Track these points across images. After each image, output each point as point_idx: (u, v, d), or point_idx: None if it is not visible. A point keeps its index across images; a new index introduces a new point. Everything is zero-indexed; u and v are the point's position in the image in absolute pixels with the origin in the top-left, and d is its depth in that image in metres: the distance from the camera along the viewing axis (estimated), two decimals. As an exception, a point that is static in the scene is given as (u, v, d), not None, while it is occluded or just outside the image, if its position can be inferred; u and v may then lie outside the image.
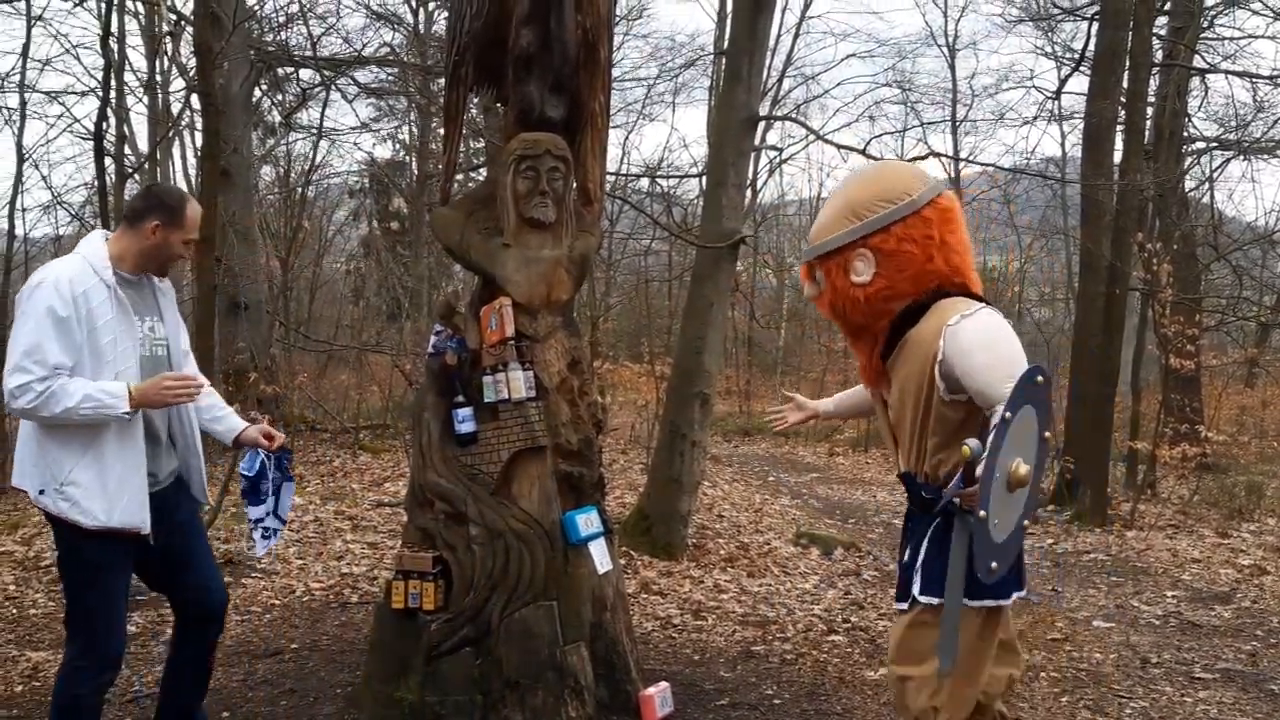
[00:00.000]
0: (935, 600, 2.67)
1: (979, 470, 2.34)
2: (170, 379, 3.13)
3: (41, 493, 3.10)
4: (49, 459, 3.08)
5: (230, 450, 3.30)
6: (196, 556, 3.44)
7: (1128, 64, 10.31)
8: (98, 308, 3.08)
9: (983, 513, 2.34)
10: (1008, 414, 2.35)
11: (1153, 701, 4.61)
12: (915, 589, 2.73)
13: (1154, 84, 12.70)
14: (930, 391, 2.67)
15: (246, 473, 3.65)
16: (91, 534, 3.07)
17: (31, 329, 3.01)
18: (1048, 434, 2.50)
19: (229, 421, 3.54)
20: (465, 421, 3.79)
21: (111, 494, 3.07)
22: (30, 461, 3.13)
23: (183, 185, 18.94)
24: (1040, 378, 2.43)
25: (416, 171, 19.02)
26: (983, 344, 2.56)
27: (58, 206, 17.65)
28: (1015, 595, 2.78)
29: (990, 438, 2.35)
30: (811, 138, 21.94)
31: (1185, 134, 14.65)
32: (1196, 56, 14.24)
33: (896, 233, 2.72)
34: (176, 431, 3.39)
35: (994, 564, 2.44)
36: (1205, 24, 14.47)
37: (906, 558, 2.84)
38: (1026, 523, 2.57)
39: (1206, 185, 17.64)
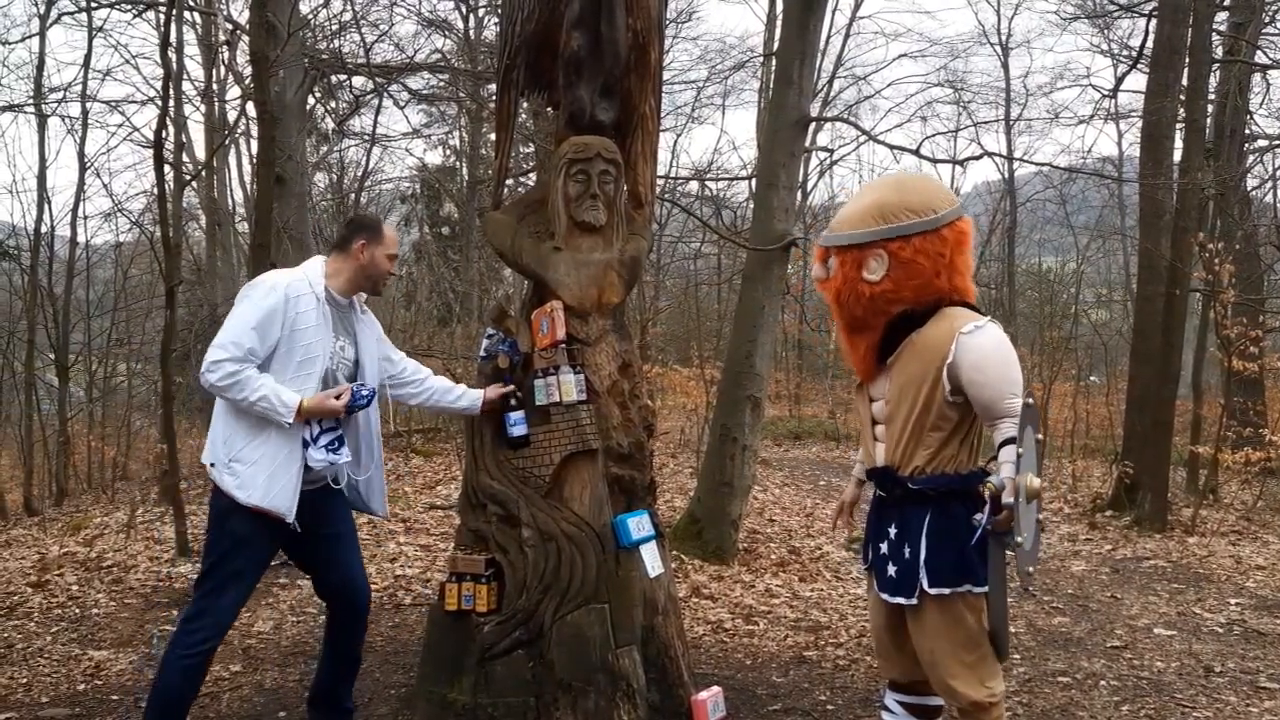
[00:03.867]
0: (946, 591, 2.87)
1: (1004, 498, 2.68)
2: (334, 393, 3.46)
3: (213, 465, 3.44)
4: (227, 437, 3.43)
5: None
6: (344, 558, 3.75)
7: (1187, 60, 10.08)
8: (304, 314, 3.46)
9: (1019, 538, 2.67)
10: (1020, 450, 2.70)
11: (1216, 711, 4.50)
12: (924, 582, 2.89)
13: (1214, 81, 12.43)
14: (934, 391, 2.88)
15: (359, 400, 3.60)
16: (242, 509, 3.37)
17: (239, 317, 3.40)
18: (1039, 436, 2.84)
19: (470, 396, 3.88)
20: (517, 425, 3.80)
21: (269, 478, 3.38)
22: (215, 438, 3.47)
23: (239, 192, 19.28)
24: (1030, 400, 2.80)
25: (467, 176, 19.17)
26: (994, 361, 2.82)
27: (118, 214, 18.13)
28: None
29: (1013, 467, 2.71)
30: (863, 138, 21.84)
31: (1247, 131, 14.33)
32: (1258, 52, 13.92)
33: (915, 244, 2.91)
34: (351, 446, 3.66)
35: (1030, 569, 2.81)
36: (1267, 19, 14.14)
37: (886, 549, 3.03)
38: (1040, 518, 2.87)
39: (1269, 184, 17.27)
